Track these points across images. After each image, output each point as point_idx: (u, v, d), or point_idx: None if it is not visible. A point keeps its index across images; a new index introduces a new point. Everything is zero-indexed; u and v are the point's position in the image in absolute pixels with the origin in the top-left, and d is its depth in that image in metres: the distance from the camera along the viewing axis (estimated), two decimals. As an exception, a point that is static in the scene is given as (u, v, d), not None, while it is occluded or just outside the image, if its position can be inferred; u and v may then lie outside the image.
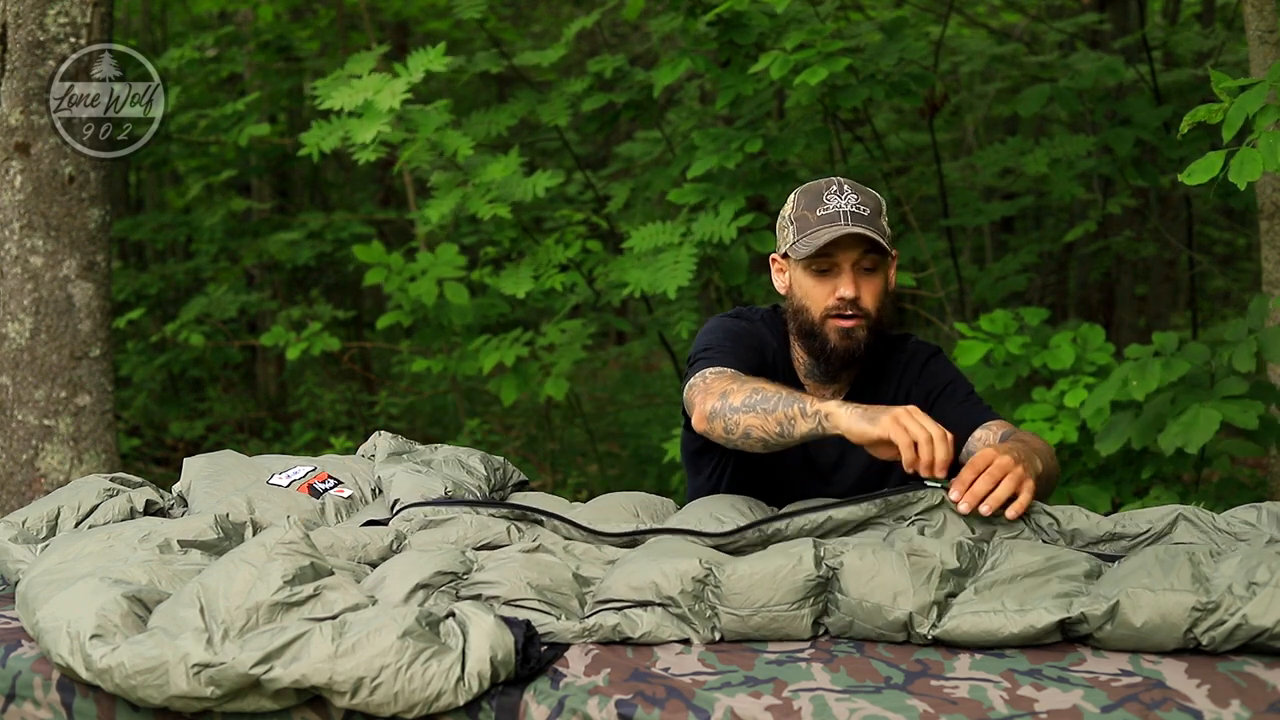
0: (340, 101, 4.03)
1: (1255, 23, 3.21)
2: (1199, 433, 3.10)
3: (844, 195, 2.26)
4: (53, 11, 3.70)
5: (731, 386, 2.15)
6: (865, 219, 2.24)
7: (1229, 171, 2.42)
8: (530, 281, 4.30)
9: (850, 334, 2.28)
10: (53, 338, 3.74)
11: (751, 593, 1.73)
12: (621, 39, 8.18)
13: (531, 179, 4.28)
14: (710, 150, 4.19)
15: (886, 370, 2.42)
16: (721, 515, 2.09)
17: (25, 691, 1.75)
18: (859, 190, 2.28)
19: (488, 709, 1.61)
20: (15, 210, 3.72)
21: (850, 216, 2.24)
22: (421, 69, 4.05)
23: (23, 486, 3.73)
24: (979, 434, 2.31)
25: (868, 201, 2.27)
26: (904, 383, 2.41)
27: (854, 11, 5.56)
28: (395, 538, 2.03)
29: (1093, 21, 6.20)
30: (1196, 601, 1.60)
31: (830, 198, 2.26)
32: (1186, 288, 7.00)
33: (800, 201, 2.30)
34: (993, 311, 3.90)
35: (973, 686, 1.55)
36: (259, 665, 1.59)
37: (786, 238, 2.31)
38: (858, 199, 2.26)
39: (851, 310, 2.27)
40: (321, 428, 7.15)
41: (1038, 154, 4.72)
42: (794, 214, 2.30)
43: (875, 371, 2.41)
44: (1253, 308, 3.29)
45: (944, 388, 2.40)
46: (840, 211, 2.24)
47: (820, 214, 2.25)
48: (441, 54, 4.09)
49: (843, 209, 2.25)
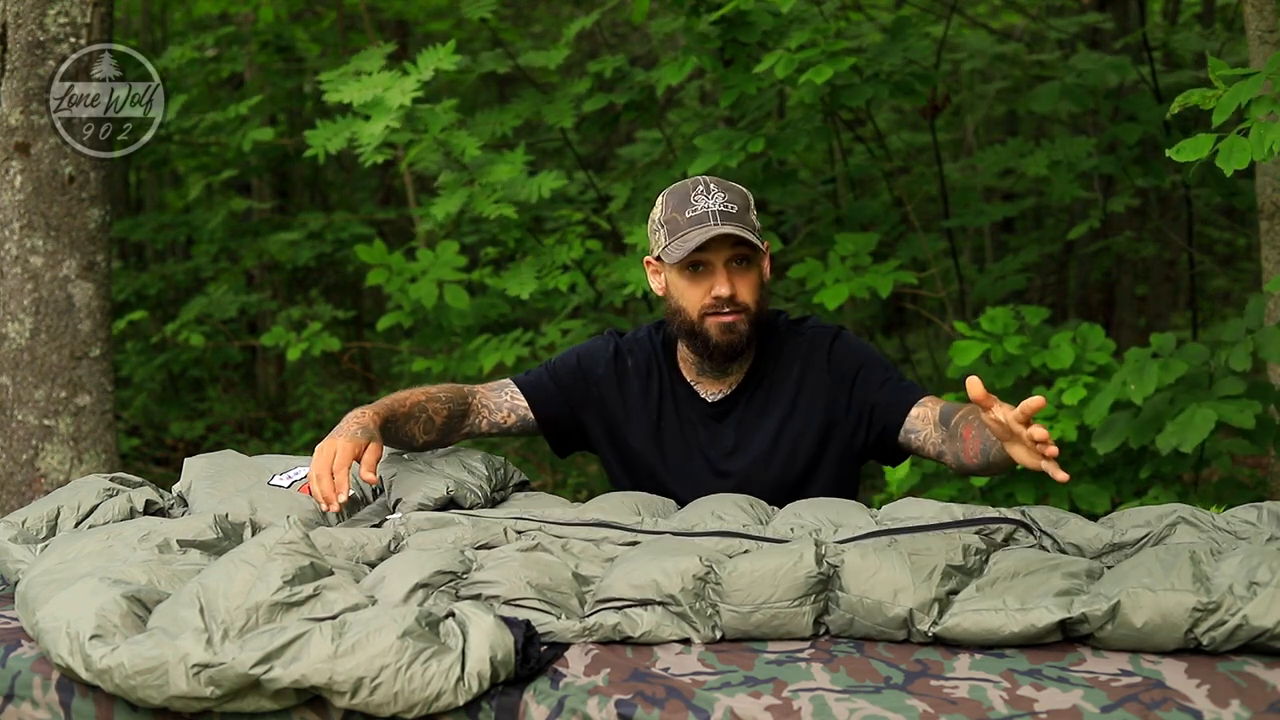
0: (349, 96, 4.01)
1: (1255, 23, 3.20)
2: (1195, 432, 3.10)
3: (711, 194, 2.30)
4: (53, 11, 3.70)
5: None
6: (734, 216, 2.28)
7: (1217, 156, 2.43)
8: (534, 282, 4.30)
9: (731, 328, 2.32)
10: (53, 338, 3.74)
11: (752, 590, 1.73)
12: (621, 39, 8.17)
13: (536, 179, 4.28)
14: (712, 151, 4.19)
15: (783, 356, 2.43)
16: (723, 514, 2.09)
17: (24, 691, 1.75)
18: (726, 188, 2.32)
19: (487, 709, 1.61)
20: (15, 210, 3.72)
21: (719, 215, 2.28)
22: (431, 67, 4.03)
23: (23, 486, 3.73)
24: (916, 412, 2.32)
25: (735, 199, 2.31)
26: (807, 368, 2.42)
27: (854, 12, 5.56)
28: (393, 538, 2.03)
29: (1095, 20, 6.20)
30: (1197, 602, 1.59)
31: (698, 198, 2.30)
32: (1187, 288, 6.99)
33: (669, 204, 2.34)
34: (992, 310, 3.90)
35: (972, 686, 1.55)
36: (259, 665, 1.59)
37: (659, 241, 2.35)
38: (725, 197, 2.30)
39: (729, 306, 2.31)
40: (321, 428, 7.14)
41: (1038, 156, 4.73)
42: (663, 217, 2.34)
43: (769, 360, 2.43)
44: (1250, 308, 3.29)
45: (857, 371, 2.40)
46: (709, 211, 2.28)
47: (689, 215, 2.29)
48: (451, 51, 4.08)
49: (711, 209, 2.28)
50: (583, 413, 2.48)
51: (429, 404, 2.38)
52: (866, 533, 1.93)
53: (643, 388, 2.46)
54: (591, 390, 2.48)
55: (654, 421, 2.45)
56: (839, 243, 4.22)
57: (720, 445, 2.42)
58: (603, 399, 2.47)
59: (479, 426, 2.47)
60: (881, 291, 4.08)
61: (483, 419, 2.47)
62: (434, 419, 2.38)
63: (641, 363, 2.48)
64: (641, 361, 2.48)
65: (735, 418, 2.42)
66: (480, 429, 2.48)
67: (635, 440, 2.45)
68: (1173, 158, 2.49)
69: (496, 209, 4.13)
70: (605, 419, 2.47)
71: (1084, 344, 3.73)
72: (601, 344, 2.53)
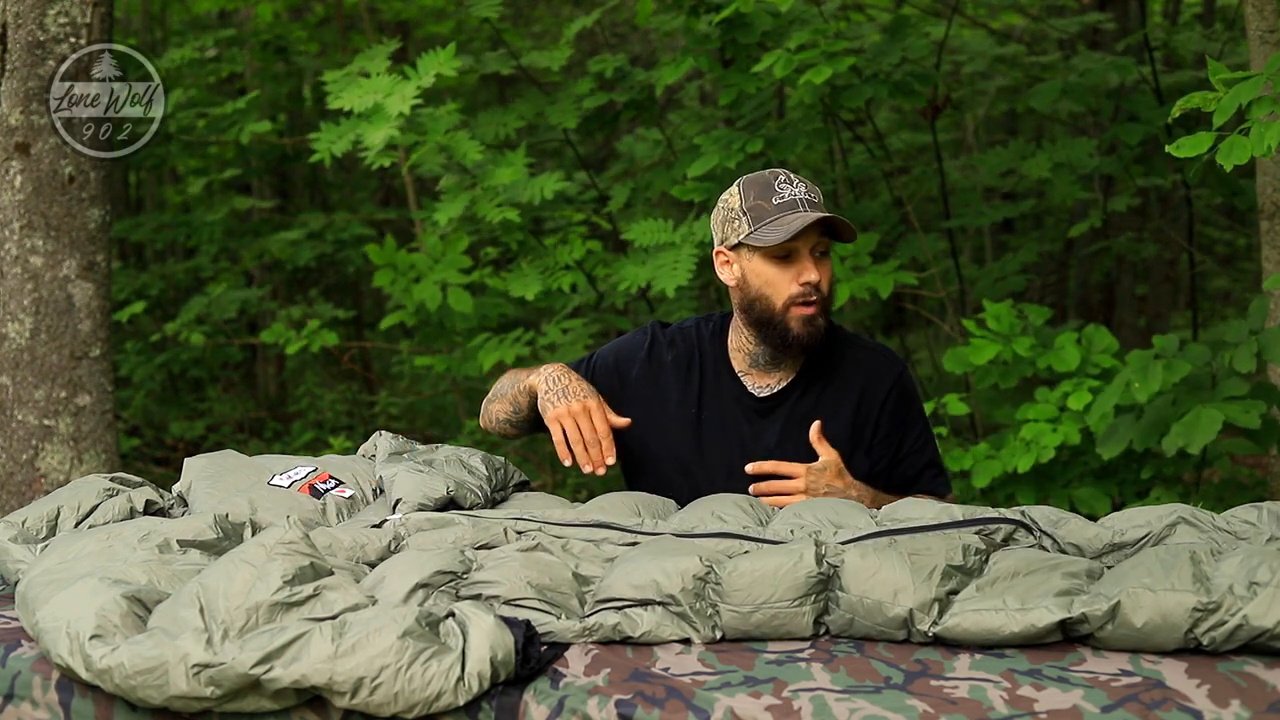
0: (350, 102, 4.02)
1: (1256, 23, 3.20)
2: (1201, 433, 3.10)
3: (794, 184, 2.32)
4: (53, 11, 3.70)
5: (497, 384, 2.53)
6: (819, 205, 2.31)
7: (1217, 153, 2.44)
8: (538, 283, 4.31)
9: (812, 321, 2.33)
10: (53, 338, 3.74)
11: (753, 589, 1.73)
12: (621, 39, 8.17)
13: (538, 180, 4.28)
14: (712, 150, 4.19)
15: (844, 364, 2.43)
16: (723, 514, 2.09)
17: (24, 691, 1.74)
18: (803, 180, 2.35)
19: (487, 709, 1.61)
20: (15, 210, 3.72)
21: (808, 204, 2.30)
22: (432, 72, 4.03)
23: (23, 486, 3.73)
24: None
25: (814, 189, 2.34)
26: (868, 389, 2.42)
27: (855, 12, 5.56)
28: (393, 538, 2.03)
29: (1096, 20, 6.20)
30: (1197, 602, 1.59)
31: (782, 186, 2.31)
32: (1187, 288, 6.99)
33: (750, 192, 2.34)
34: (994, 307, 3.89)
35: (972, 686, 1.55)
36: (259, 665, 1.59)
37: (739, 229, 2.34)
38: (807, 187, 2.33)
39: (815, 295, 2.32)
40: (321, 428, 7.14)
41: (1040, 158, 4.73)
42: (745, 205, 2.34)
43: (825, 362, 2.43)
44: (1253, 309, 3.29)
45: (906, 422, 2.44)
46: (798, 199, 2.30)
47: (777, 202, 2.30)
48: (451, 55, 4.07)
49: (799, 197, 2.30)
50: (619, 408, 2.44)
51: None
52: (866, 533, 1.94)
53: (684, 379, 2.45)
54: (627, 390, 2.47)
55: (694, 414, 2.44)
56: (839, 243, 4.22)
57: (763, 441, 2.41)
58: (638, 395, 2.47)
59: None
60: (881, 292, 4.08)
61: None
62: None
63: (684, 354, 2.47)
64: (684, 353, 2.47)
65: (782, 414, 2.42)
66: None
67: (670, 433, 2.44)
68: (1173, 155, 2.50)
69: (500, 213, 4.13)
70: (640, 414, 2.44)
71: (1089, 345, 3.73)
72: (640, 338, 2.52)
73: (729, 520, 2.06)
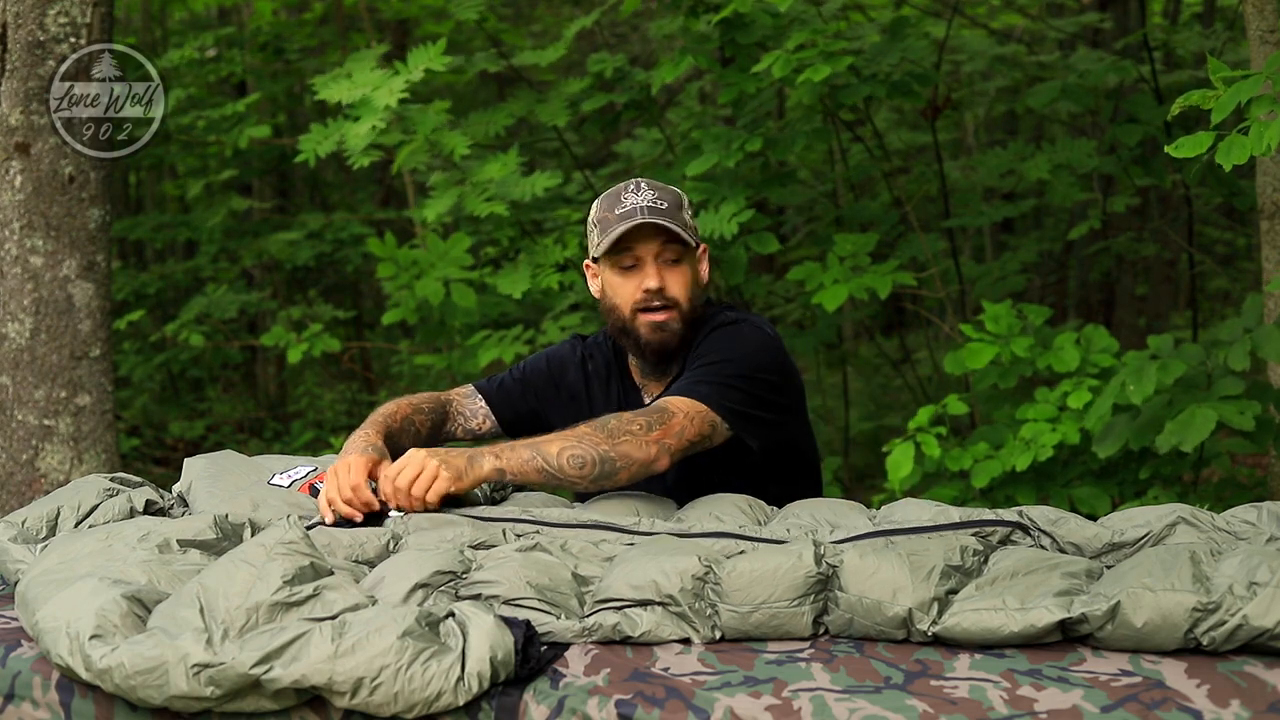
0: (338, 95, 4.03)
1: (1256, 23, 3.20)
2: (1195, 432, 3.11)
3: (640, 192, 2.35)
4: (53, 11, 3.70)
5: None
6: (662, 213, 2.32)
7: (1216, 153, 2.45)
8: (528, 281, 4.31)
9: (662, 326, 2.35)
10: (53, 338, 3.74)
11: (752, 589, 1.73)
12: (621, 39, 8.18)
13: (530, 179, 4.29)
14: (711, 150, 4.19)
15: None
16: (722, 515, 2.09)
17: (24, 691, 1.74)
18: (657, 188, 2.36)
19: (487, 709, 1.61)
20: (15, 210, 3.72)
21: (646, 210, 2.31)
22: (421, 67, 4.04)
23: (23, 486, 3.73)
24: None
25: (666, 197, 2.35)
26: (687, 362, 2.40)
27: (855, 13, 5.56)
28: (393, 538, 2.03)
29: (1095, 20, 6.20)
30: (1197, 602, 1.59)
31: (628, 196, 2.35)
32: (1187, 288, 6.99)
33: (602, 205, 2.39)
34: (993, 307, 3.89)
35: (972, 686, 1.55)
36: (259, 665, 1.59)
37: (593, 240, 2.39)
38: (655, 195, 2.35)
39: (659, 301, 2.34)
40: (321, 428, 7.15)
41: (1040, 160, 4.73)
42: (596, 217, 2.39)
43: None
44: (1247, 307, 3.29)
45: (697, 360, 2.34)
46: (637, 207, 2.32)
47: (618, 212, 2.34)
48: (441, 51, 4.09)
49: (639, 205, 2.33)
50: (551, 413, 2.51)
51: (415, 416, 2.44)
52: (864, 534, 1.94)
53: (604, 390, 2.51)
54: (562, 393, 2.52)
55: None
56: (838, 243, 4.23)
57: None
58: (573, 399, 2.52)
59: (455, 433, 2.53)
60: (881, 292, 4.08)
61: (458, 426, 2.54)
62: (420, 430, 2.43)
63: (601, 366, 2.53)
64: (601, 365, 2.53)
65: None
66: (456, 435, 2.54)
67: None
68: (1172, 155, 2.50)
69: (488, 207, 4.15)
70: (574, 421, 2.46)
71: (1088, 345, 3.73)
72: (569, 348, 2.58)
73: (727, 520, 2.07)
